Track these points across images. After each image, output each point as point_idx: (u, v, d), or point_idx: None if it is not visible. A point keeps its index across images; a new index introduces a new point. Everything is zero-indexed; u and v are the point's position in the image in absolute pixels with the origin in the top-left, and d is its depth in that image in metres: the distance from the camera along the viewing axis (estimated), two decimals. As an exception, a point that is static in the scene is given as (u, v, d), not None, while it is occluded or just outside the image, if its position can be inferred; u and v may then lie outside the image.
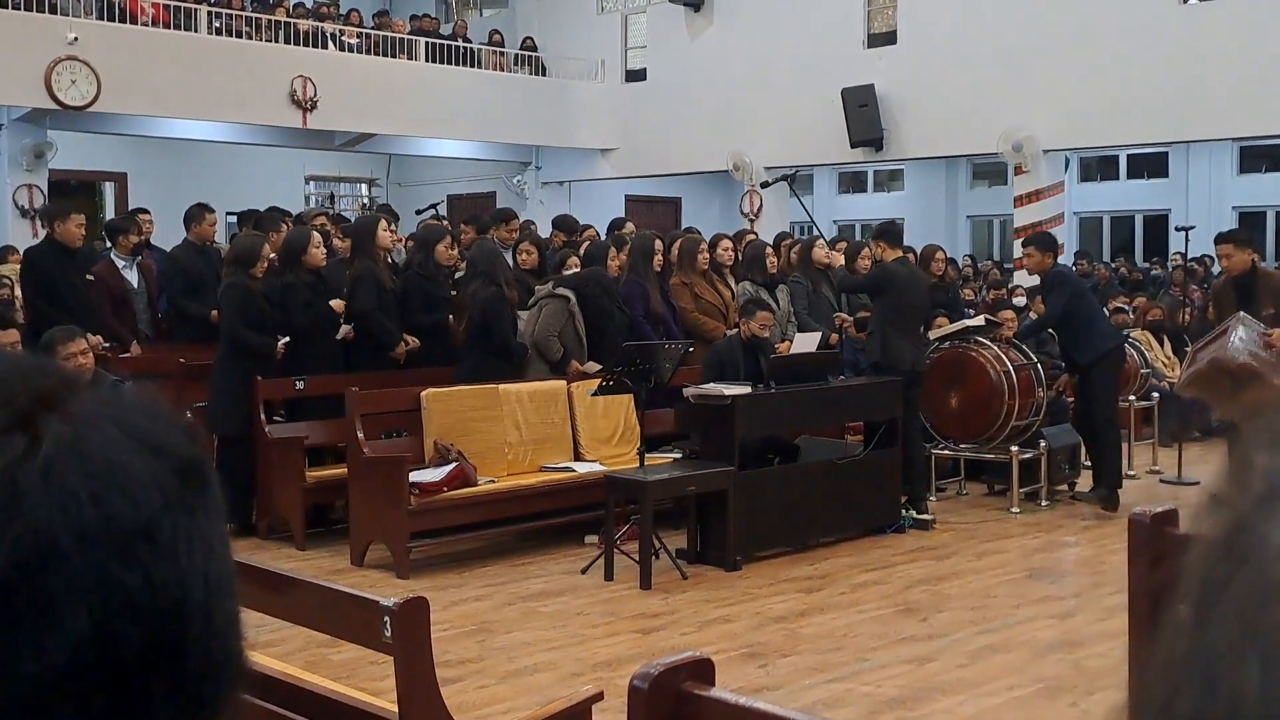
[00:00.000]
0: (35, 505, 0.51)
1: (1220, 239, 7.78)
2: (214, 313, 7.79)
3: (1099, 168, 21.76)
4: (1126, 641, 3.18)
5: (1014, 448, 7.71)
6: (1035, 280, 9.02)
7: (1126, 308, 11.85)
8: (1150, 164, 20.83)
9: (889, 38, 15.76)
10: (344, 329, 7.36)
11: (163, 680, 0.53)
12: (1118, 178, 21.56)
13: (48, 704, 0.50)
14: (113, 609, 0.51)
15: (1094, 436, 7.79)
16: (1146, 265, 18.72)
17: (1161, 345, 11.16)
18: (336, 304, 7.36)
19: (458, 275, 8.00)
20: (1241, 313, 7.26)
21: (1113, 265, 17.77)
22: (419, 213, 10.96)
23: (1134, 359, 9.50)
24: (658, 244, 8.37)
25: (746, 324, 7.17)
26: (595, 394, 6.76)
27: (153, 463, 0.55)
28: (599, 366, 7.29)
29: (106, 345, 7.50)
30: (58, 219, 7.76)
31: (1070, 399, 8.28)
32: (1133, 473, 8.83)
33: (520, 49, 18.49)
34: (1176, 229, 12.58)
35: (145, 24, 14.66)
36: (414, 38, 17.16)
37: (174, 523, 0.54)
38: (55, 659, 0.50)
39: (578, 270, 7.90)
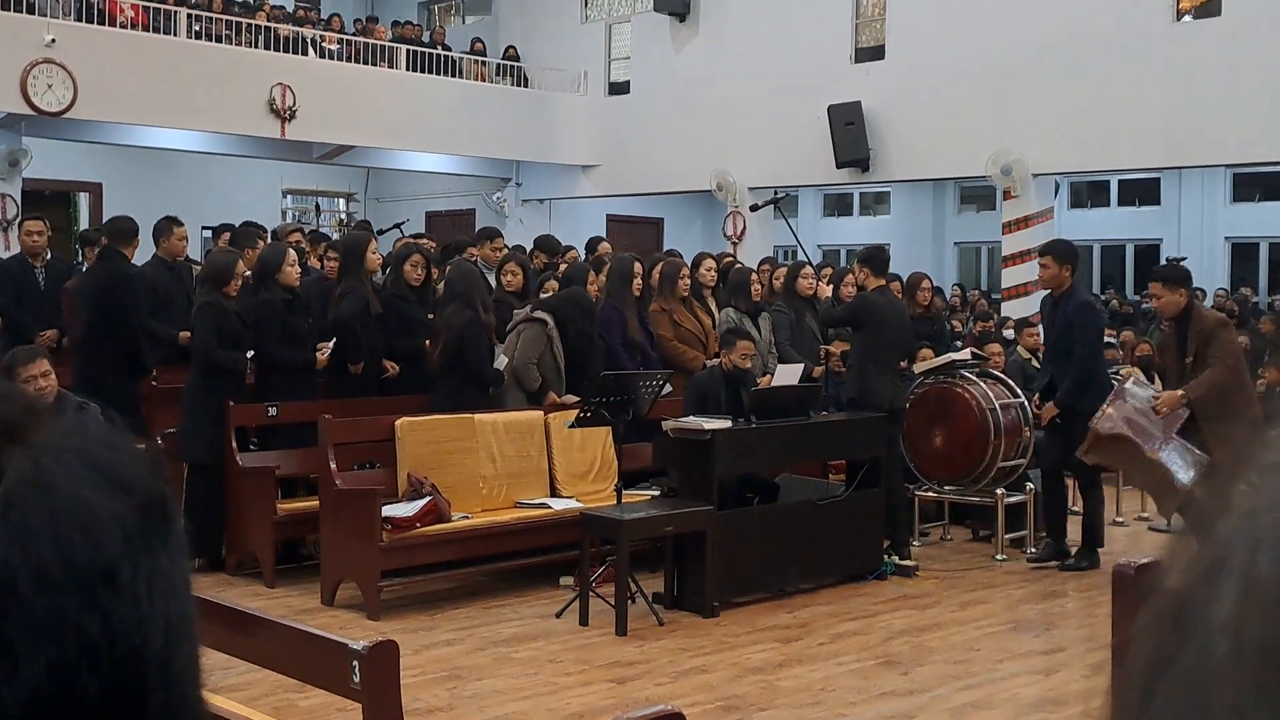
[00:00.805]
0: None
1: (1150, 277, 7.44)
2: (183, 334, 7.60)
3: (1089, 193, 21.66)
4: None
5: (1000, 490, 7.58)
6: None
7: (1115, 342, 11.74)
8: (1142, 190, 20.72)
9: (877, 52, 15.61)
10: (322, 348, 7.16)
11: None
12: (1108, 204, 21.45)
13: None
14: (71, 656, 0.49)
15: (1054, 491, 7.32)
16: (1136, 298, 18.62)
17: (1151, 382, 11.04)
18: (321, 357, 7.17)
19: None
20: (1133, 375, 7.16)
21: (1102, 297, 17.68)
22: (382, 232, 10.74)
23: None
24: (637, 267, 8.22)
25: (727, 355, 7.04)
26: (573, 426, 6.62)
27: (115, 499, 0.53)
28: (576, 399, 7.16)
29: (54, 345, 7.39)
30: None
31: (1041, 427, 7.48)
32: (1120, 519, 8.72)
33: (503, 58, 18.36)
34: (1168, 259, 12.49)
35: (124, 25, 14.46)
36: (395, 45, 17.01)
37: (135, 564, 0.52)
38: (10, 709, 0.48)
39: (556, 292, 7.76)
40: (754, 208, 12.88)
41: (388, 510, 6.23)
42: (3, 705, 0.48)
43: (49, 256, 8.62)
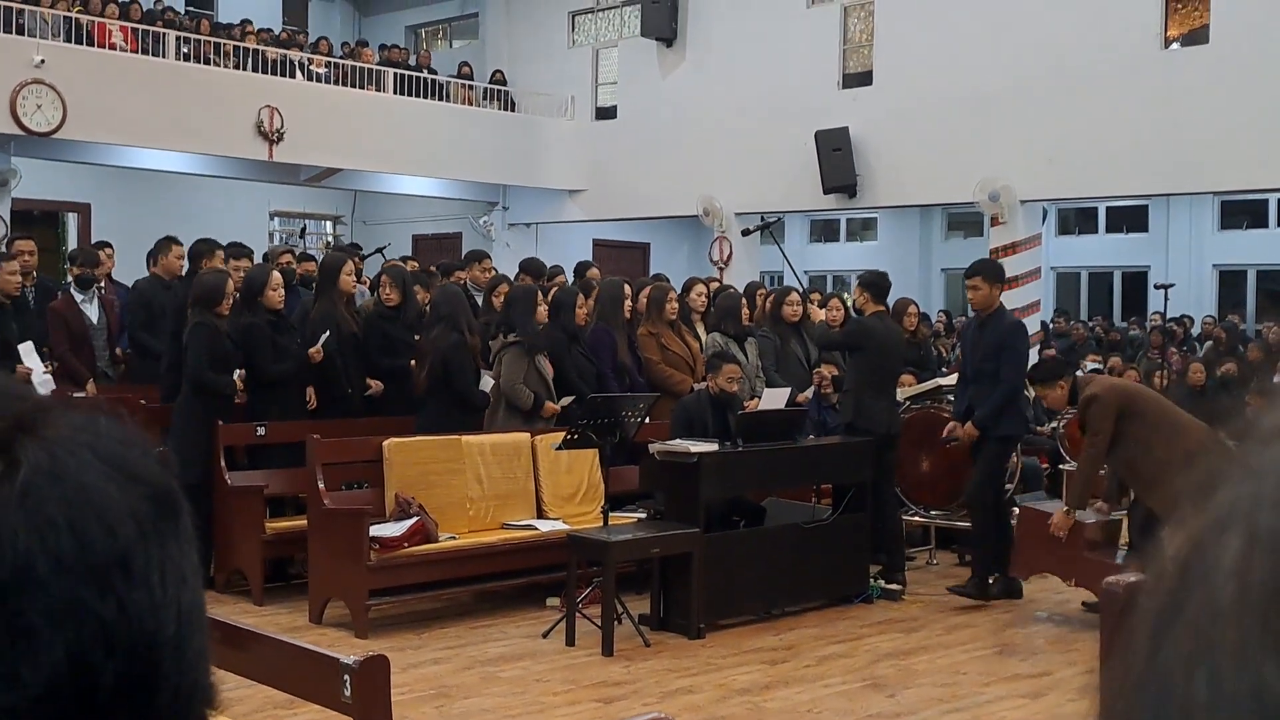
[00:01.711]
0: (13, 532, 0.50)
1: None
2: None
3: (1077, 220, 21.75)
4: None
5: (986, 515, 7.58)
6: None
7: (1101, 368, 11.80)
8: (1130, 217, 20.81)
9: (865, 79, 15.66)
10: (316, 346, 7.17)
11: (133, 713, 0.52)
12: (1096, 231, 21.54)
13: None
14: (88, 640, 0.51)
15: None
16: (1124, 325, 18.71)
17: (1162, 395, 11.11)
18: (315, 353, 7.18)
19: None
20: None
21: (1090, 324, 17.76)
22: (364, 257, 10.72)
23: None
24: (627, 290, 8.26)
25: (714, 378, 7.05)
26: (560, 448, 6.63)
27: (128, 490, 0.54)
28: (571, 398, 7.24)
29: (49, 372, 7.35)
30: None
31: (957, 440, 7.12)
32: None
33: (490, 82, 18.43)
34: (1156, 287, 12.54)
35: (113, 47, 14.49)
36: (383, 69, 17.07)
37: (148, 553, 0.53)
38: (30, 690, 0.49)
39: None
40: (746, 232, 12.89)
41: (375, 530, 6.24)
42: (24, 686, 0.50)
43: (35, 277, 8.63)
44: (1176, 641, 0.40)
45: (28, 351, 7.35)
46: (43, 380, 7.25)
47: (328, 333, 7.21)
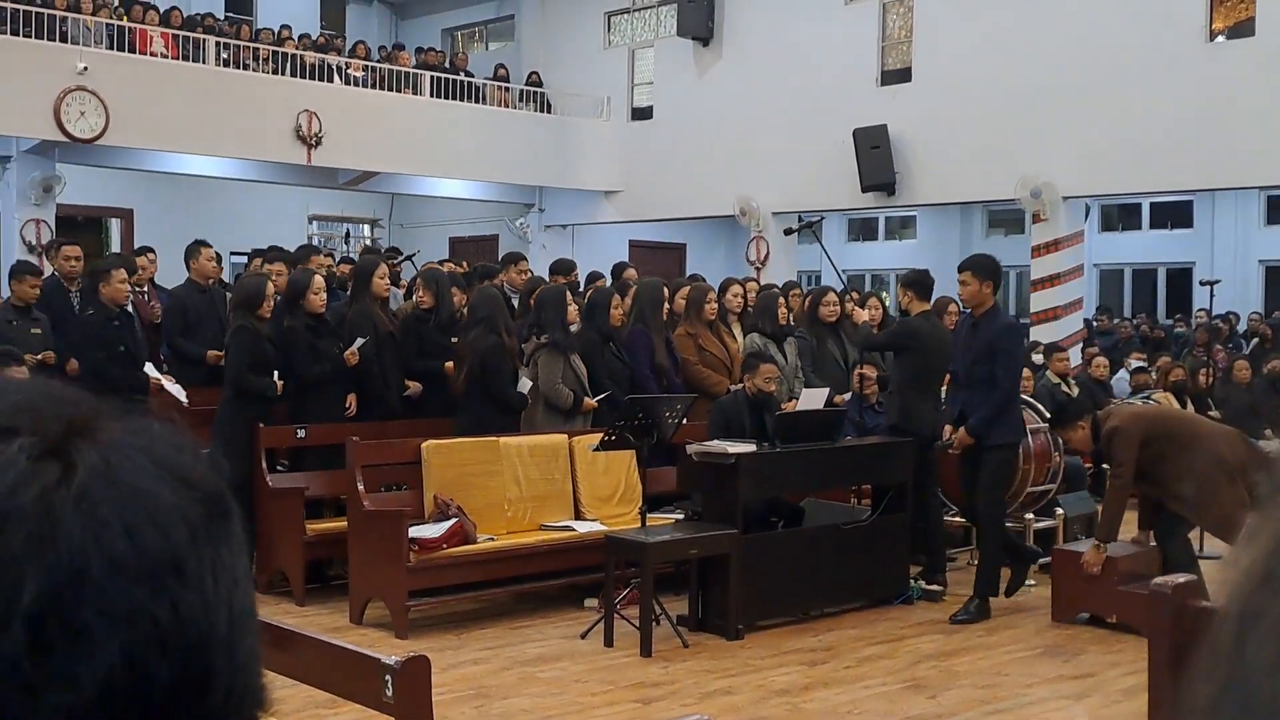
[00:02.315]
0: (69, 533, 0.51)
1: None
2: (210, 353, 7.69)
3: (1120, 217, 21.47)
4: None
5: (1029, 516, 7.52)
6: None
7: (1147, 367, 11.63)
8: (1174, 213, 20.52)
9: (904, 75, 15.52)
10: (352, 349, 7.20)
11: (187, 715, 0.53)
12: (1140, 228, 21.26)
13: None
14: (142, 641, 0.51)
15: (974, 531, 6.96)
16: (1169, 322, 18.46)
17: (1184, 408, 10.96)
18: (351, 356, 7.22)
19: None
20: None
21: (1134, 322, 17.54)
22: (396, 264, 10.74)
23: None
24: (665, 291, 8.25)
25: (750, 379, 7.02)
26: (598, 449, 6.63)
27: (180, 493, 0.55)
28: (606, 392, 7.29)
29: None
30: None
31: (951, 446, 6.81)
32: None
33: (526, 84, 18.46)
34: (1201, 283, 12.36)
35: (155, 54, 14.66)
36: (419, 71, 17.15)
37: (200, 555, 0.54)
38: (85, 690, 0.50)
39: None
40: (788, 231, 12.76)
41: (414, 531, 6.27)
42: (80, 686, 0.50)
43: (81, 282, 8.72)
44: (1260, 645, 0.42)
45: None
46: (175, 388, 7.39)
47: (366, 338, 7.24)
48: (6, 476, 0.52)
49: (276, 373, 7.05)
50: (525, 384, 7.33)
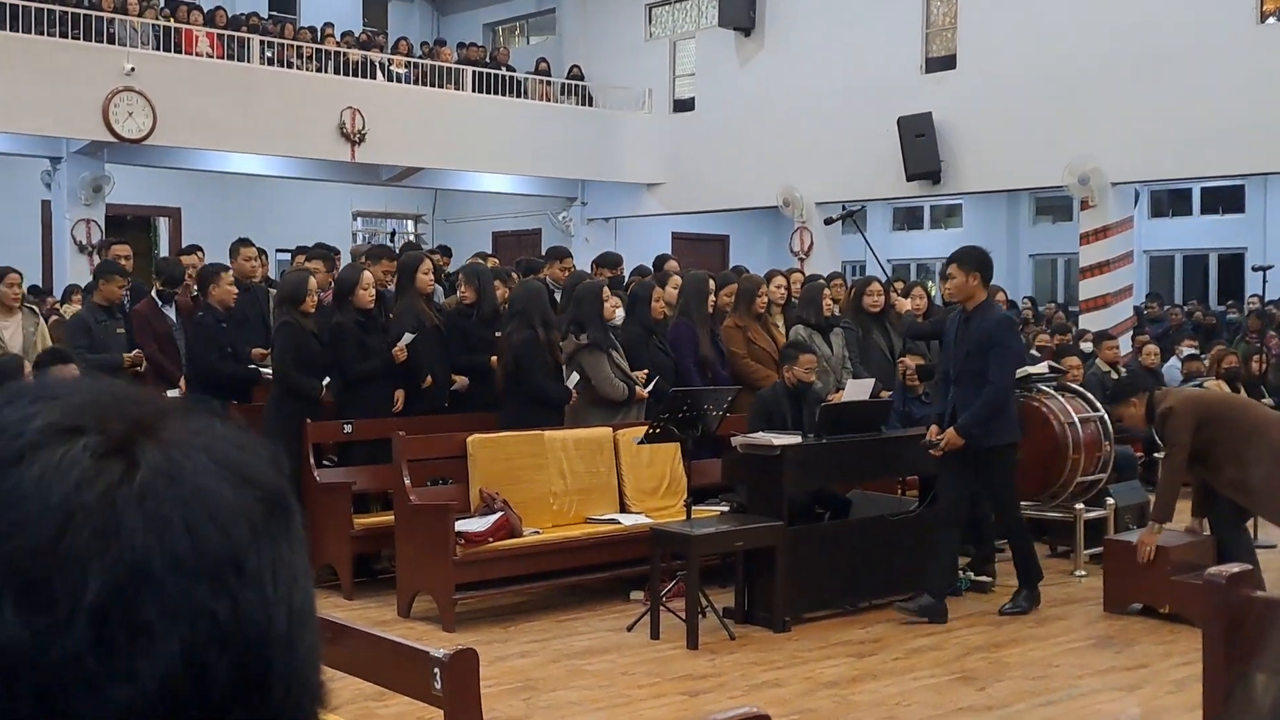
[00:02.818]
0: (132, 530, 0.52)
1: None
2: (256, 350, 7.76)
3: (1170, 202, 21.15)
4: (1200, 718, 2.96)
5: (1079, 506, 7.42)
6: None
7: (1199, 354, 11.45)
8: (1225, 198, 20.20)
9: (948, 62, 15.40)
10: (400, 345, 7.25)
11: (246, 710, 0.53)
12: (1190, 213, 20.94)
13: None
14: (203, 638, 0.52)
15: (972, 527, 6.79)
16: (1221, 309, 18.18)
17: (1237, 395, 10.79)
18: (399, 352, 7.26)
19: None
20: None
21: (1185, 308, 17.31)
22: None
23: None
24: (711, 284, 8.21)
25: (790, 369, 6.97)
26: (642, 441, 6.62)
27: (241, 492, 0.55)
28: (656, 378, 7.35)
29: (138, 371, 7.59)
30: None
31: (936, 446, 6.36)
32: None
33: (567, 77, 18.47)
34: (1253, 269, 12.19)
35: (200, 54, 14.82)
36: (461, 67, 17.21)
37: (261, 553, 0.55)
38: (146, 686, 0.51)
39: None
40: (829, 221, 12.69)
41: (461, 525, 6.29)
42: (141, 682, 0.51)
43: (130, 281, 8.83)
44: None
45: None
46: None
47: (414, 334, 7.27)
48: (71, 474, 0.53)
49: (326, 374, 7.10)
50: (574, 378, 7.33)
